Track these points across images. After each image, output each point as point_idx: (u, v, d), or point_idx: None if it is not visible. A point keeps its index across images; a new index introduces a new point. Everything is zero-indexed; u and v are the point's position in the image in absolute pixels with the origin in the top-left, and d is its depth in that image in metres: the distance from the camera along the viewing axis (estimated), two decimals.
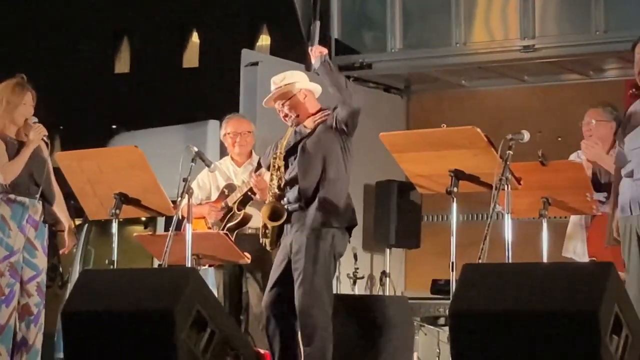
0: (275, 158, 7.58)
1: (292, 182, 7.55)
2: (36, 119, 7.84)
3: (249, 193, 8.52)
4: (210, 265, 8.61)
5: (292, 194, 7.55)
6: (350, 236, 7.66)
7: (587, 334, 5.50)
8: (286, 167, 7.57)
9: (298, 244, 7.45)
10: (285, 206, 7.51)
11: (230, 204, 8.61)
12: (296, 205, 7.50)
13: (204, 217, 8.64)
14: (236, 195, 8.62)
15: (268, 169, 7.72)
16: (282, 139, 7.59)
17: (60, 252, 8.17)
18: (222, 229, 8.48)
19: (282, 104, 7.70)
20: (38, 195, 7.76)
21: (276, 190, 7.58)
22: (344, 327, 8.16)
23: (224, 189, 8.76)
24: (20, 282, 7.78)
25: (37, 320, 7.78)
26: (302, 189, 7.49)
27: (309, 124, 7.66)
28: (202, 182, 8.90)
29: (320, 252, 7.43)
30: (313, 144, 7.53)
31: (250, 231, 8.57)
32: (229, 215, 8.61)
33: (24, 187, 7.75)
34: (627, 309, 5.74)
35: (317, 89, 7.78)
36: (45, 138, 7.84)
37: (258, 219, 8.17)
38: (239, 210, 8.59)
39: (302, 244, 7.43)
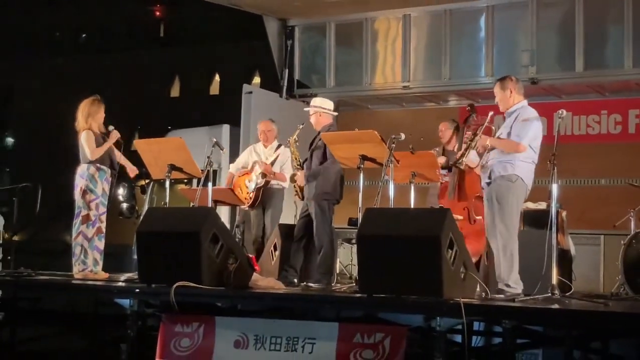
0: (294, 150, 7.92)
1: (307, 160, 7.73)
2: (113, 127, 7.71)
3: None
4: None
5: (306, 169, 7.70)
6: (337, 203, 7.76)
7: (434, 248, 5.51)
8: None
9: (312, 205, 7.55)
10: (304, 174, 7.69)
11: (255, 175, 8.62)
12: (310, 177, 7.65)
13: (247, 174, 8.62)
14: (257, 171, 8.60)
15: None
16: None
17: (132, 174, 7.90)
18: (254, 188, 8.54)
19: (310, 115, 7.82)
20: (113, 166, 7.70)
21: (297, 165, 7.84)
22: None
23: (254, 164, 8.70)
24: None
25: (104, 234, 7.66)
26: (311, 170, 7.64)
27: (318, 129, 7.76)
28: (246, 156, 8.85)
29: (325, 212, 7.54)
30: (318, 145, 7.66)
31: (276, 187, 8.60)
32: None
33: (105, 161, 7.64)
34: (456, 234, 5.71)
35: (330, 113, 7.85)
36: (119, 139, 7.71)
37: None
38: (261, 178, 8.58)
39: (312, 205, 7.53)
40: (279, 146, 8.83)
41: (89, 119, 7.65)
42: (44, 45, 32.45)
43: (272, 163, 8.61)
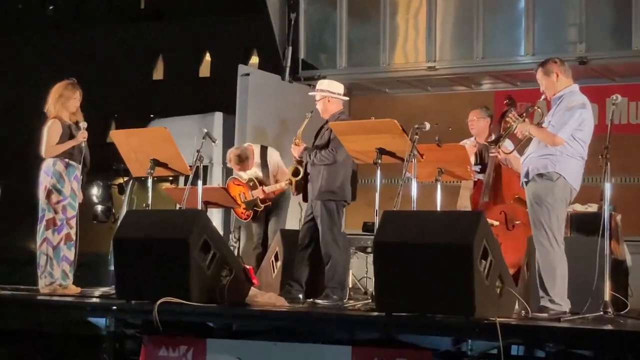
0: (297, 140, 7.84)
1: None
2: (86, 124, 7.69)
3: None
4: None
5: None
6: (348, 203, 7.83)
7: (465, 258, 5.51)
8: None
9: (317, 206, 7.58)
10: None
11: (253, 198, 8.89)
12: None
13: (244, 186, 8.92)
14: (255, 195, 8.87)
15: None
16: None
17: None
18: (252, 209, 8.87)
19: (317, 101, 7.86)
20: (81, 162, 7.68)
21: (297, 159, 7.80)
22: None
23: (250, 182, 8.89)
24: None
25: (75, 243, 7.67)
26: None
27: (326, 117, 7.78)
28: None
29: (332, 214, 7.56)
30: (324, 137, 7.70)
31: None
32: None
33: (75, 157, 7.63)
34: (491, 242, 5.72)
35: (340, 98, 7.91)
36: (84, 142, 7.65)
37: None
38: (262, 203, 8.85)
39: (318, 206, 7.56)
40: (263, 150, 8.88)
41: (57, 105, 7.65)
42: (4, 18, 32.56)
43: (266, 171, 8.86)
